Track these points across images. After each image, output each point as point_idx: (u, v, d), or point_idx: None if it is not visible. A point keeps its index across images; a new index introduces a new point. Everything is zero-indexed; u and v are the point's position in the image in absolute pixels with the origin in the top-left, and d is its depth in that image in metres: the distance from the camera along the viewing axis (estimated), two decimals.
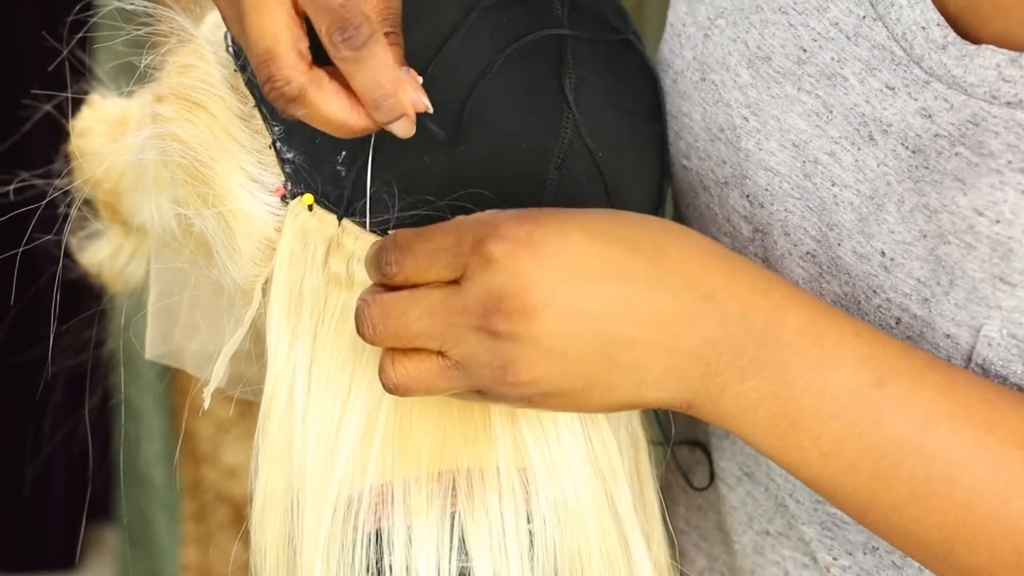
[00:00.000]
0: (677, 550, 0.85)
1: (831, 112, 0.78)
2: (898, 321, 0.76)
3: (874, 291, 0.77)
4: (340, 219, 0.78)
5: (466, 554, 0.75)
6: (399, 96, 0.70)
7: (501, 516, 0.76)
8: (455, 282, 0.72)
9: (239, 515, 1.82)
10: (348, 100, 0.71)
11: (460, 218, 0.74)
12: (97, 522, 2.23)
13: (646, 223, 0.74)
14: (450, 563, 0.75)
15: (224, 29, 0.81)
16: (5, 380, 1.82)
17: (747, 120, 0.81)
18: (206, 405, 0.80)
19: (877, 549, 0.82)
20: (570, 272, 0.71)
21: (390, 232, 0.76)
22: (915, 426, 0.70)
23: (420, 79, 0.73)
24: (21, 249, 0.84)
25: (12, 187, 0.93)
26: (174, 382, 1.84)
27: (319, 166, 0.78)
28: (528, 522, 0.76)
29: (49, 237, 0.87)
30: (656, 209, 0.84)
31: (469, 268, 0.71)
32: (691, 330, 0.71)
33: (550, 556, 0.75)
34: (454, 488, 0.76)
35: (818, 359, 0.71)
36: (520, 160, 0.78)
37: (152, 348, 0.93)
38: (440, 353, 0.72)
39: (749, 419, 0.72)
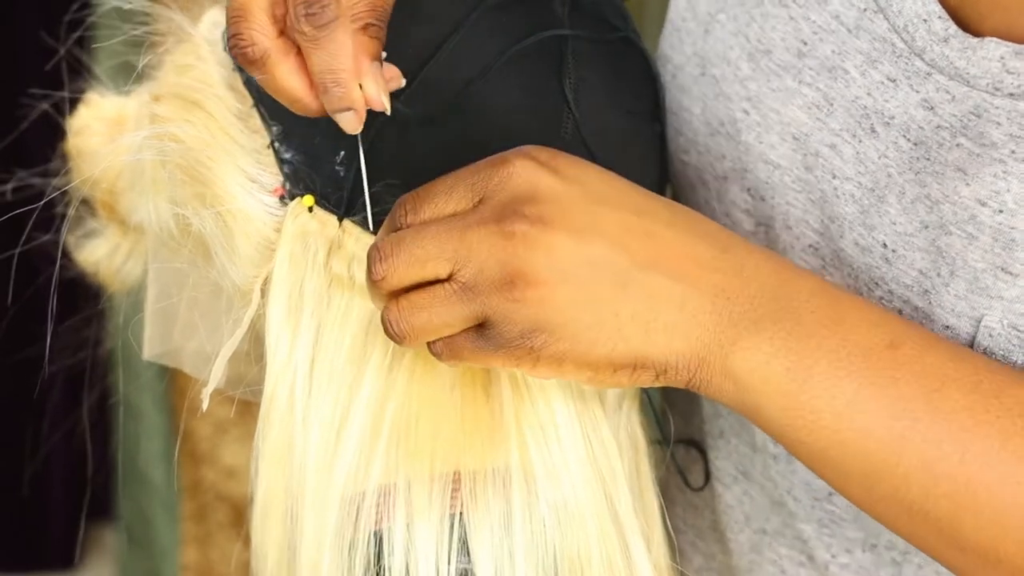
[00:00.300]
0: (677, 551, 0.85)
1: (832, 105, 0.78)
2: (899, 313, 0.76)
3: (876, 283, 0.77)
4: (340, 220, 0.77)
5: (467, 555, 0.74)
6: (349, 88, 0.70)
7: (504, 518, 0.75)
8: None
9: (239, 515, 1.82)
10: (308, 78, 0.71)
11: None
12: (97, 522, 2.23)
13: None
14: (450, 564, 0.74)
15: (222, 28, 0.81)
16: (4, 380, 1.82)
17: (747, 113, 0.81)
18: (204, 406, 0.79)
19: (876, 546, 0.82)
20: (590, 195, 0.70)
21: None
22: (929, 388, 0.69)
23: (403, 81, 0.72)
24: (19, 249, 0.84)
25: (10, 186, 0.93)
26: (173, 381, 1.84)
27: (318, 166, 0.78)
28: (528, 524, 0.75)
29: (47, 236, 0.87)
30: None
31: (488, 186, 0.70)
32: (708, 276, 0.70)
33: (550, 559, 0.75)
34: (456, 489, 0.75)
35: (833, 318, 0.70)
36: None
37: (150, 348, 0.92)
38: (449, 279, 0.70)
39: (762, 375, 0.70)
